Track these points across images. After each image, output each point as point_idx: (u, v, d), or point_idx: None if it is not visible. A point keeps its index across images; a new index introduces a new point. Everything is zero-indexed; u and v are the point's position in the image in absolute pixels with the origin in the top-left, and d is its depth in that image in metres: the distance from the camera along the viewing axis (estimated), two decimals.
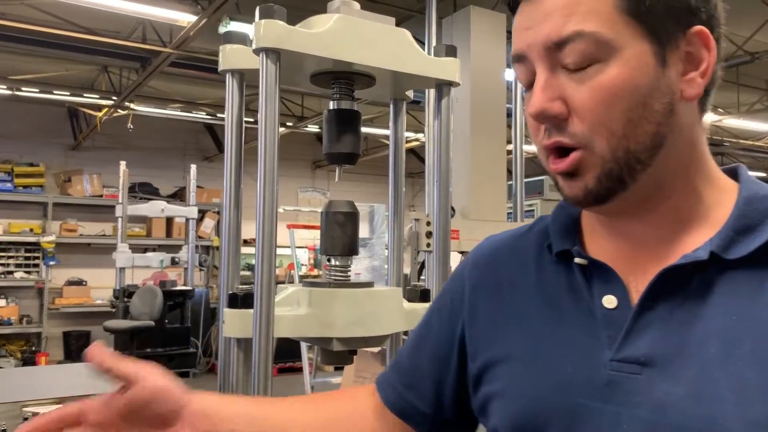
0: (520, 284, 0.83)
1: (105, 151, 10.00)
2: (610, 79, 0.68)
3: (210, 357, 9.00)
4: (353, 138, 1.29)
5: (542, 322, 0.79)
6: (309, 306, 1.17)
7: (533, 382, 0.77)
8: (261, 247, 1.12)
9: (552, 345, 0.77)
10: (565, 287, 0.78)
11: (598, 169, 0.70)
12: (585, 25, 0.68)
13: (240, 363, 1.16)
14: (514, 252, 0.87)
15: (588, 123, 0.69)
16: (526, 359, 0.79)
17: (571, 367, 0.74)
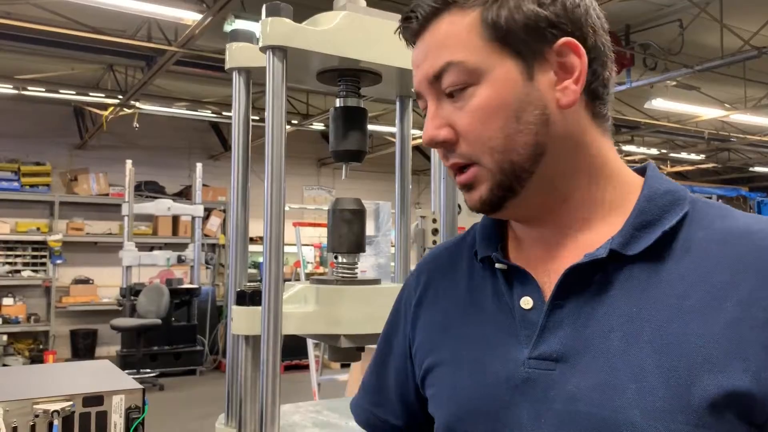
0: (452, 291, 0.89)
1: (111, 150, 10.02)
2: (482, 100, 0.75)
3: (217, 355, 9.02)
4: (360, 135, 1.29)
5: (469, 326, 0.84)
6: (317, 303, 1.18)
7: (460, 384, 0.82)
8: (269, 245, 1.12)
9: (476, 347, 0.82)
10: (490, 291, 0.84)
11: (490, 181, 0.77)
12: (454, 56, 0.75)
13: (248, 360, 1.16)
14: (450, 260, 0.93)
15: (471, 143, 0.77)
16: (454, 363, 0.84)
17: (493, 368, 0.79)
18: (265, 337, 1.11)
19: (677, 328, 0.68)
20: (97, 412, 0.97)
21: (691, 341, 0.67)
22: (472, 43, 0.75)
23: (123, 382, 1.05)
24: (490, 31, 0.75)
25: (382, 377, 0.98)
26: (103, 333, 9.29)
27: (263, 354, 1.11)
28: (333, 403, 1.43)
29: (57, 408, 0.92)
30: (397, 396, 0.95)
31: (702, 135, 10.84)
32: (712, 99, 8.91)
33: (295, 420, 1.29)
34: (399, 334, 0.96)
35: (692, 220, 0.74)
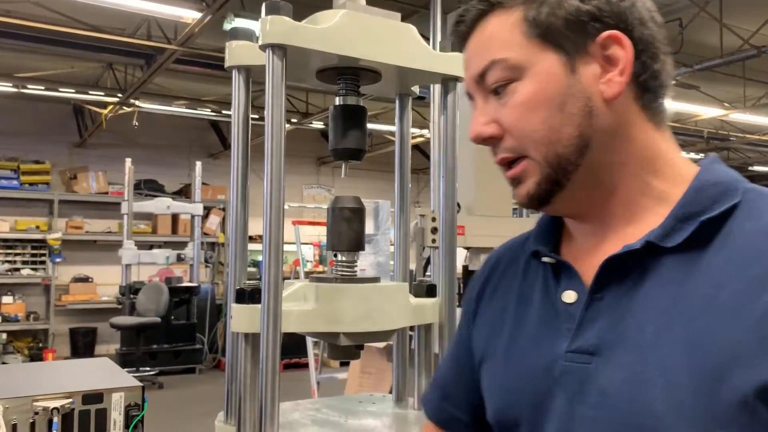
0: (509, 286, 0.92)
1: (110, 148, 10.02)
2: (524, 94, 0.77)
3: (216, 353, 9.02)
4: (359, 134, 1.29)
5: (519, 320, 0.87)
6: (316, 301, 1.18)
7: (506, 377, 0.85)
8: (268, 243, 1.12)
9: (523, 341, 0.84)
10: (539, 286, 0.86)
11: (538, 174, 0.79)
12: (497, 54, 0.79)
13: (247, 358, 1.16)
14: (513, 254, 0.95)
15: (516, 137, 0.79)
16: (503, 356, 0.87)
17: (535, 361, 0.81)
18: (265, 335, 1.11)
19: (709, 322, 0.67)
20: (97, 409, 0.97)
21: (722, 336, 0.66)
22: (515, 40, 0.78)
23: (122, 380, 1.05)
24: (532, 28, 0.77)
25: (449, 370, 1.01)
26: (102, 331, 9.29)
27: (262, 352, 1.11)
28: (332, 400, 1.44)
29: (57, 405, 0.92)
30: (461, 389, 0.97)
31: (701, 134, 10.85)
32: (712, 98, 8.91)
33: (295, 418, 1.29)
34: (463, 327, 0.99)
35: (742, 211, 0.73)
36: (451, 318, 1.32)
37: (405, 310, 1.25)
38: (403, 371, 1.45)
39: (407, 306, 1.26)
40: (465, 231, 3.13)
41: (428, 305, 1.30)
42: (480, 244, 3.18)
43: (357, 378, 4.15)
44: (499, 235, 3.45)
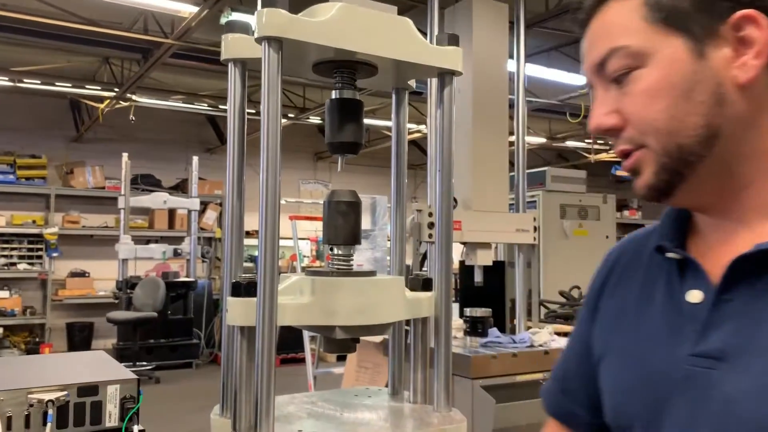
0: (631, 281, 0.88)
1: (107, 142, 10.00)
2: (647, 82, 0.74)
3: (213, 348, 9.03)
4: (355, 127, 1.29)
5: (639, 317, 0.83)
6: (312, 294, 1.17)
7: (623, 376, 0.82)
8: (264, 235, 1.12)
9: (643, 340, 0.80)
10: (663, 283, 0.82)
11: (654, 164, 0.75)
12: (617, 42, 0.75)
13: (243, 351, 1.16)
14: (636, 248, 0.91)
15: (637, 126, 0.76)
16: (621, 354, 0.84)
17: (655, 362, 0.77)
18: (260, 328, 1.11)
19: None
20: (92, 401, 0.97)
21: None
22: (635, 26, 0.75)
23: (118, 372, 1.05)
24: (653, 12, 0.74)
25: (569, 364, 0.98)
26: (99, 326, 9.29)
27: (258, 344, 1.11)
28: (328, 394, 1.44)
29: (52, 398, 0.92)
30: (580, 384, 0.94)
31: None
32: None
33: (290, 411, 1.29)
34: (583, 321, 0.96)
35: None
36: (447, 312, 1.32)
37: (400, 304, 1.25)
38: (399, 365, 1.45)
39: (403, 300, 1.26)
40: (462, 226, 3.13)
41: (424, 299, 1.30)
42: (476, 239, 3.18)
43: (354, 372, 4.15)
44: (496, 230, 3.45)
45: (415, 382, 1.37)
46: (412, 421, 1.25)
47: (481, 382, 2.74)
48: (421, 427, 1.21)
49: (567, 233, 5.04)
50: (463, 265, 3.42)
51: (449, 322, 1.32)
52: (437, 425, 1.22)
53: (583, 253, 5.08)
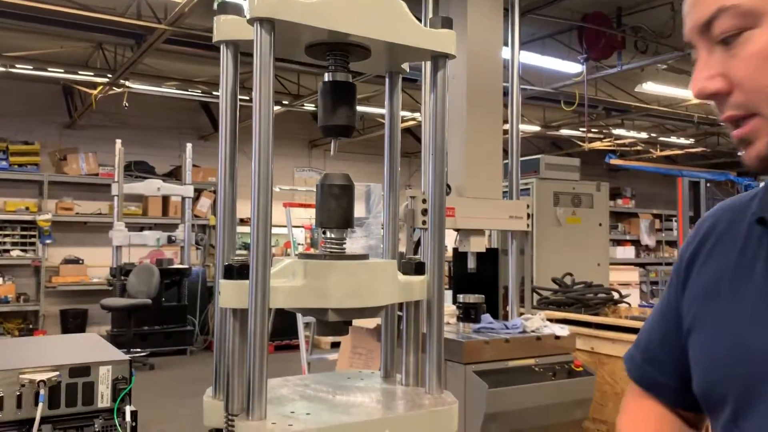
0: (726, 252, 0.85)
1: (100, 129, 9.95)
2: (760, 44, 0.69)
3: (207, 335, 9.04)
4: (348, 110, 1.28)
5: (735, 292, 0.81)
6: (305, 277, 1.18)
7: (716, 351, 0.81)
8: (256, 216, 1.12)
9: (738, 316, 0.79)
10: (763, 256, 0.79)
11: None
12: (727, 0, 0.70)
13: (236, 333, 1.16)
14: (731, 217, 0.88)
15: (747, 92, 0.71)
16: (714, 329, 0.82)
17: (751, 340, 0.76)
18: (253, 310, 1.11)
19: None
20: (84, 382, 0.97)
21: None
22: None
23: (110, 354, 1.05)
24: None
25: (654, 333, 0.97)
26: (93, 313, 9.28)
27: (251, 326, 1.12)
28: (320, 377, 1.44)
29: (43, 378, 0.92)
30: (666, 353, 0.94)
31: (692, 119, 10.87)
32: None
33: (283, 393, 1.30)
34: (672, 290, 0.94)
35: None
36: (439, 295, 1.32)
37: (393, 287, 1.26)
38: (392, 349, 1.45)
39: (395, 283, 1.26)
40: (455, 213, 3.13)
41: (416, 282, 1.31)
42: (470, 226, 3.19)
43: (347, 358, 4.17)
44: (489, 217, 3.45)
45: (407, 365, 1.37)
46: (404, 403, 1.26)
47: (473, 367, 2.75)
48: (413, 409, 1.21)
49: (560, 221, 5.05)
50: (456, 252, 3.42)
51: (441, 305, 1.33)
52: (429, 406, 1.22)
53: (576, 241, 5.09)
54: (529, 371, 2.94)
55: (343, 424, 1.11)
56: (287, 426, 1.09)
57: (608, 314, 3.74)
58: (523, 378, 2.88)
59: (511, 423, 2.84)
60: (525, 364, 2.96)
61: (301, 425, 1.09)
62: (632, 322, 3.38)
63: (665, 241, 14.85)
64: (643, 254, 14.63)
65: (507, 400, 2.76)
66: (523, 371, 2.92)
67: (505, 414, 2.78)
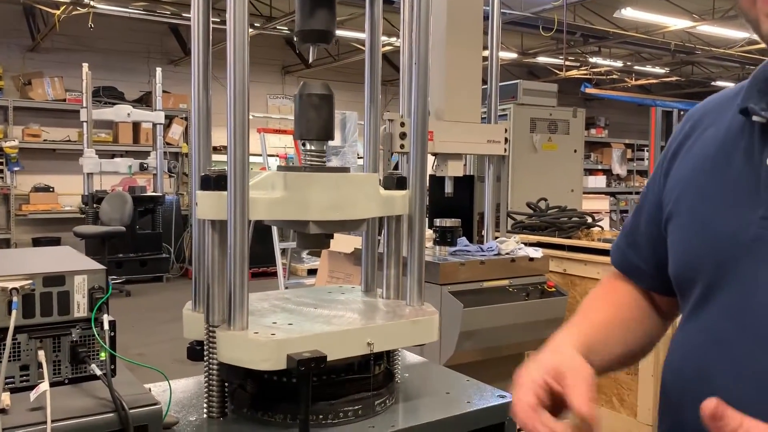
0: (709, 141, 0.88)
1: (65, 53, 9.59)
2: None
3: (183, 263, 9.04)
4: (328, 14, 1.23)
5: (712, 180, 0.84)
6: (284, 189, 1.15)
7: (689, 236, 0.85)
8: (233, 123, 1.09)
9: (713, 202, 0.82)
10: (742, 146, 0.81)
11: None
12: None
13: (215, 245, 1.14)
14: (719, 108, 0.90)
15: None
16: (689, 215, 0.86)
17: (722, 224, 0.79)
18: (232, 221, 1.09)
19: None
20: (59, 291, 0.95)
21: None
22: None
23: (85, 263, 1.03)
24: None
25: (637, 219, 1.01)
26: (66, 241, 9.18)
27: (230, 238, 1.10)
28: (301, 291, 1.44)
29: (16, 286, 0.90)
30: (646, 240, 0.97)
31: (668, 47, 10.80)
32: (681, 9, 8.82)
33: (264, 306, 1.30)
34: (655, 179, 0.97)
35: None
36: (421, 210, 1.31)
37: (374, 201, 1.24)
38: (372, 264, 1.45)
39: (377, 196, 1.25)
40: (433, 137, 3.09)
41: (398, 197, 1.29)
42: (448, 150, 3.17)
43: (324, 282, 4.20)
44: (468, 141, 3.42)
45: (388, 278, 1.38)
46: (385, 313, 1.26)
47: (449, 287, 2.79)
48: (393, 318, 1.22)
49: (536, 147, 5.05)
50: (434, 178, 3.41)
51: (423, 219, 1.32)
52: (409, 316, 1.23)
53: (551, 167, 5.11)
54: (503, 291, 2.99)
55: (326, 333, 1.12)
56: (270, 335, 1.09)
57: (581, 237, 3.80)
58: (497, 298, 2.93)
59: (486, 341, 2.91)
60: (499, 284, 3.01)
61: (283, 334, 1.09)
62: (604, 245, 3.44)
63: (636, 170, 15.03)
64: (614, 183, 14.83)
65: (481, 318, 2.81)
66: (497, 291, 2.97)
67: (479, 332, 2.84)
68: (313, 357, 1.05)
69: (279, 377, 1.12)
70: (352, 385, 1.17)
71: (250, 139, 2.33)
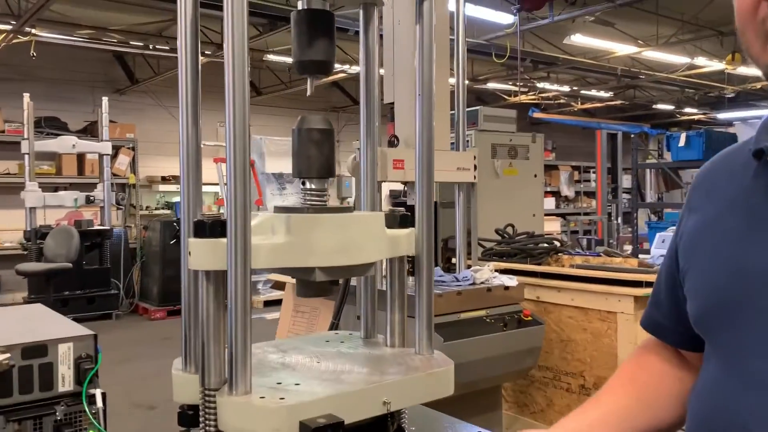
0: (722, 191, 0.88)
1: (6, 82, 9.20)
2: None
3: (133, 298, 8.70)
4: (327, 43, 1.14)
5: (732, 222, 0.83)
6: (287, 233, 1.05)
7: (713, 275, 0.83)
8: (233, 165, 0.98)
9: (736, 242, 0.81)
10: (761, 186, 0.81)
11: None
12: None
13: (210, 298, 1.02)
14: (727, 162, 0.92)
15: None
16: (712, 256, 0.85)
17: (749, 261, 0.78)
18: (233, 272, 0.98)
19: None
20: (41, 364, 0.82)
21: None
22: None
23: (69, 328, 0.90)
24: None
25: (661, 283, 1.02)
26: (7, 279, 8.74)
27: (231, 290, 0.98)
28: (296, 341, 1.33)
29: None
30: (668, 297, 0.98)
31: (614, 72, 11.10)
32: (627, 35, 9.08)
33: (260, 361, 1.18)
34: (673, 238, 0.99)
35: None
36: (428, 249, 1.22)
37: (382, 242, 1.14)
38: (372, 308, 1.35)
39: (383, 237, 1.15)
40: (404, 165, 3.02)
41: (402, 236, 1.20)
42: None
43: (289, 318, 4.05)
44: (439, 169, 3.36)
45: (392, 324, 1.28)
46: (397, 367, 1.16)
47: None
48: (408, 372, 1.12)
49: (498, 172, 5.05)
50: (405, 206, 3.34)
51: (431, 259, 1.23)
52: (424, 368, 1.13)
53: (513, 192, 5.11)
54: (481, 322, 2.92)
55: (339, 394, 1.01)
56: (278, 400, 0.97)
57: (551, 263, 3.77)
58: (475, 330, 2.86)
59: (466, 375, 2.81)
60: (476, 315, 2.94)
61: (293, 398, 0.98)
62: (577, 271, 3.41)
63: (584, 191, 15.35)
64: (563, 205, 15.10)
65: (461, 352, 2.73)
66: (475, 323, 2.90)
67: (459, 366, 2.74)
68: (329, 423, 0.93)
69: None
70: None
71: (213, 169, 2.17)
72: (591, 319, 3.31)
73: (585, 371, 3.30)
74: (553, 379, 3.48)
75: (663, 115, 16.50)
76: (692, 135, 8.24)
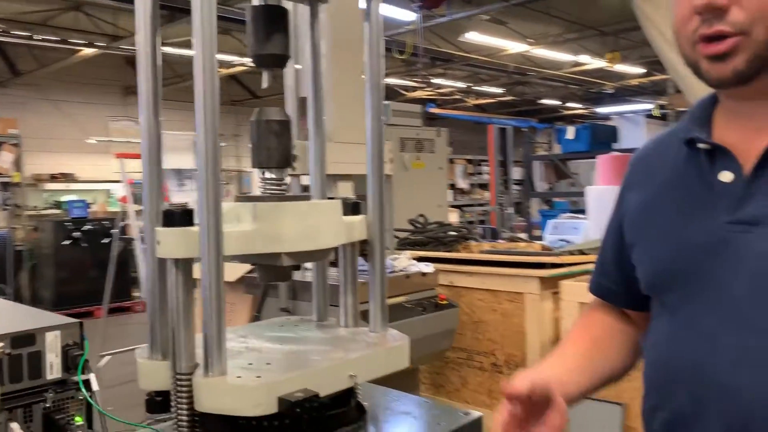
0: (655, 175, 1.00)
1: None
2: None
3: (22, 302, 8.19)
4: (283, 38, 1.19)
5: (670, 202, 0.95)
6: (254, 221, 1.09)
7: (658, 249, 0.95)
8: (204, 156, 1.01)
9: (675, 219, 0.93)
10: (692, 170, 0.93)
11: (751, 53, 0.81)
12: None
13: (179, 286, 1.05)
14: (659, 148, 1.04)
15: (749, 12, 0.80)
16: (654, 233, 0.96)
17: (689, 234, 0.90)
18: (207, 258, 1.01)
19: None
20: (30, 353, 0.83)
21: None
22: None
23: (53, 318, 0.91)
24: None
25: (606, 251, 1.13)
26: None
27: (205, 276, 1.02)
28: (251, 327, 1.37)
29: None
30: (615, 266, 1.09)
31: (506, 68, 11.59)
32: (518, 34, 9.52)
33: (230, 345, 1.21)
34: (613, 218, 1.10)
35: None
36: (381, 233, 1.30)
37: (340, 228, 1.21)
38: (324, 292, 1.41)
39: (342, 223, 1.22)
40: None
41: (356, 222, 1.27)
42: (339, 171, 3.15)
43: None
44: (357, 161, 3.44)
45: (346, 306, 1.35)
46: (357, 343, 1.23)
47: None
48: (369, 348, 1.19)
49: (407, 165, 5.19)
50: None
51: (383, 243, 1.31)
52: (383, 344, 1.21)
53: (421, 184, 5.28)
54: (401, 308, 3.02)
55: (311, 371, 1.07)
56: (255, 378, 1.02)
57: (460, 250, 3.94)
58: (397, 315, 2.95)
59: None
60: (397, 301, 3.04)
61: (269, 376, 1.03)
62: (487, 256, 3.60)
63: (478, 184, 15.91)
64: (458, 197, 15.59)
65: None
66: (396, 309, 2.99)
67: None
68: (306, 397, 1.00)
69: (262, 422, 1.05)
70: (333, 421, 1.12)
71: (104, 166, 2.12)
72: (500, 300, 3.50)
73: (496, 350, 3.48)
74: (466, 359, 3.64)
75: (548, 109, 17.39)
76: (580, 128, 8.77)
